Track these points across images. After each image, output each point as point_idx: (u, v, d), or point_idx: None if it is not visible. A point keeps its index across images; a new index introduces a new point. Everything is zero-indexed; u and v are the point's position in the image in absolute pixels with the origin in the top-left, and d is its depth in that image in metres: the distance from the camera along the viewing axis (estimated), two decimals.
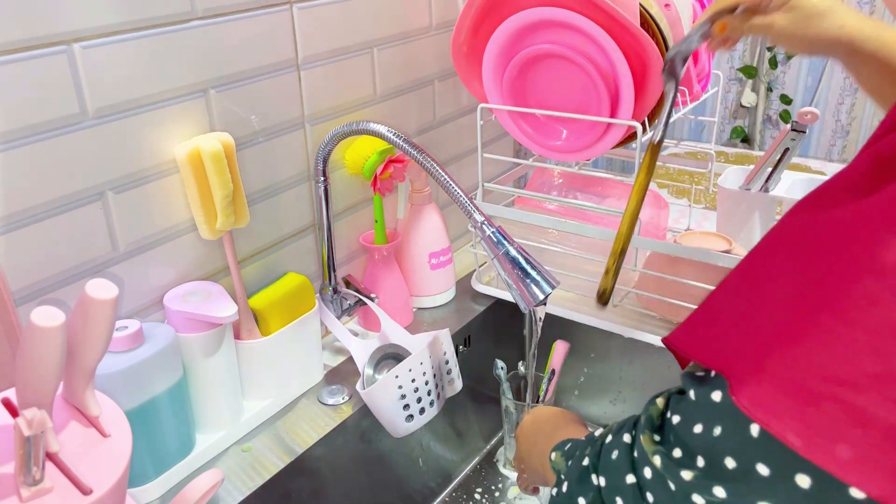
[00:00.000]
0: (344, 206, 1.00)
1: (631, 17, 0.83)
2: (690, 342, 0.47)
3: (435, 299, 1.09)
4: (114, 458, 0.50)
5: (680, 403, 0.46)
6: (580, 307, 1.06)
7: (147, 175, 0.75)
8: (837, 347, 0.36)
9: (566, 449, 0.60)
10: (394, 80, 1.02)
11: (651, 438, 0.47)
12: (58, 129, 0.67)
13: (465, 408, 1.09)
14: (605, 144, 0.93)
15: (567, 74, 0.90)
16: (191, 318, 0.75)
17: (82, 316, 0.47)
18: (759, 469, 0.38)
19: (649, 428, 0.48)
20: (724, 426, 0.40)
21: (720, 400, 0.41)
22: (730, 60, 2.28)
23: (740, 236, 1.04)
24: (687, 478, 0.42)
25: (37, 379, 0.45)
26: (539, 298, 0.74)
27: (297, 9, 0.85)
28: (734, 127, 2.33)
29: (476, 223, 0.76)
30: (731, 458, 0.40)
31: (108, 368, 0.67)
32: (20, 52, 0.63)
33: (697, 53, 1.03)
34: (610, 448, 0.51)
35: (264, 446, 0.83)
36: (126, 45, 0.70)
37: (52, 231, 0.68)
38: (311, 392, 0.91)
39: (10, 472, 0.46)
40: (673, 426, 0.45)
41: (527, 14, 0.88)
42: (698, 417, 0.43)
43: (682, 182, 1.55)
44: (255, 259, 0.89)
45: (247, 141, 0.84)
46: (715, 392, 0.41)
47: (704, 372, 0.44)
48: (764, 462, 0.38)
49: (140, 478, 0.73)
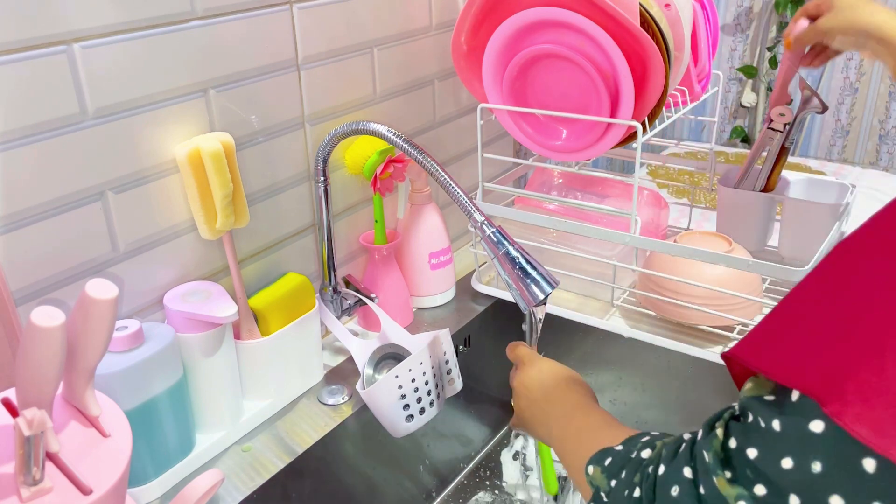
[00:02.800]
0: (344, 206, 1.00)
1: (631, 17, 0.83)
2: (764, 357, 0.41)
3: (435, 299, 1.09)
4: (114, 458, 0.50)
5: (752, 434, 0.41)
6: (580, 307, 1.07)
7: (147, 175, 0.75)
8: None
9: (606, 464, 0.56)
10: (394, 79, 1.02)
11: (728, 482, 0.41)
12: (58, 129, 0.67)
13: (465, 408, 1.09)
14: (605, 144, 0.93)
15: (567, 74, 0.90)
16: (191, 318, 0.75)
17: (82, 316, 0.47)
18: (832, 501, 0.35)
19: (721, 467, 0.42)
20: (827, 461, 0.36)
21: (821, 432, 0.36)
22: (730, 60, 2.28)
23: (740, 236, 1.04)
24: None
25: (37, 379, 0.45)
26: (539, 298, 0.74)
27: (297, 9, 0.85)
28: (734, 127, 2.33)
29: (476, 223, 0.76)
30: (838, 497, 0.36)
31: (108, 368, 0.67)
32: (20, 52, 0.63)
33: (697, 53, 1.03)
34: (666, 483, 0.46)
35: (264, 446, 0.83)
36: (126, 45, 0.70)
37: (52, 231, 0.68)
38: (311, 392, 0.91)
39: (10, 472, 0.46)
40: (749, 461, 0.40)
41: (527, 14, 0.88)
42: (787, 451, 0.38)
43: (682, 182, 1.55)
44: (255, 259, 0.89)
45: (247, 141, 0.84)
46: (814, 423, 0.37)
47: (775, 395, 0.40)
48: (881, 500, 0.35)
49: (140, 478, 0.73)
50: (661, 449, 0.50)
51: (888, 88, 2.11)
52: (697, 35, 1.02)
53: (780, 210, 1.05)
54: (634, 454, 0.54)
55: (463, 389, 0.93)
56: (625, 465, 0.53)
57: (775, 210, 1.06)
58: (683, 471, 0.45)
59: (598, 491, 0.55)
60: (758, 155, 1.01)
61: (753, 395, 0.41)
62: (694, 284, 0.94)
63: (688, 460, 0.46)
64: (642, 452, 0.53)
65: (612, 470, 0.54)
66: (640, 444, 0.55)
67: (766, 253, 1.08)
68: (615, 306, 1.06)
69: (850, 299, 0.38)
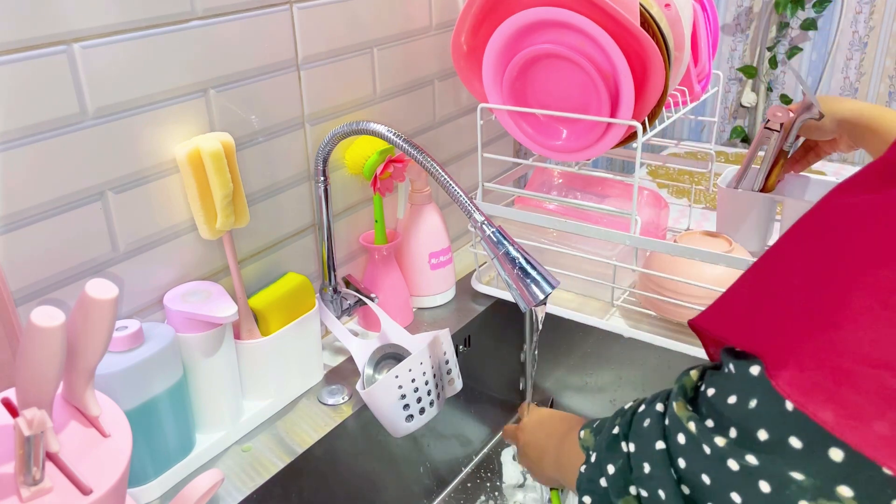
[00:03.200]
0: (344, 206, 1.00)
1: (631, 17, 0.83)
2: (721, 323, 0.48)
3: (435, 299, 1.09)
4: (114, 458, 0.50)
5: (715, 376, 0.46)
6: (580, 307, 1.07)
7: (147, 175, 0.75)
8: (876, 330, 0.37)
9: (595, 425, 0.61)
10: (394, 79, 1.02)
11: (685, 406, 0.47)
12: (58, 129, 0.67)
13: (465, 408, 1.09)
14: (605, 144, 0.93)
15: (567, 74, 0.90)
16: (191, 318, 0.75)
17: (82, 316, 0.47)
18: (792, 442, 0.39)
19: (683, 396, 0.48)
20: (759, 399, 0.41)
21: (757, 374, 0.41)
22: (730, 60, 2.28)
23: (740, 236, 1.04)
24: (721, 444, 0.43)
25: (37, 379, 0.45)
26: (539, 298, 0.74)
27: (297, 9, 0.85)
28: (734, 127, 2.33)
29: (476, 223, 0.76)
30: (764, 430, 0.40)
31: (108, 368, 0.67)
32: (20, 52, 0.63)
33: (697, 53, 1.03)
34: (642, 417, 0.52)
35: (264, 446, 0.83)
36: (126, 45, 0.70)
37: (52, 231, 0.68)
38: (311, 392, 0.91)
39: (10, 472, 0.46)
40: (707, 398, 0.45)
41: (527, 14, 0.88)
42: (733, 389, 0.43)
43: (682, 182, 1.55)
44: (255, 259, 0.89)
45: (247, 141, 0.84)
46: (753, 366, 0.42)
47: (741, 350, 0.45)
48: (797, 436, 0.39)
49: (140, 478, 0.73)
50: (643, 398, 0.56)
51: (888, 88, 2.11)
52: (697, 35, 1.02)
53: (780, 210, 1.05)
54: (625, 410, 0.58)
55: (463, 389, 0.93)
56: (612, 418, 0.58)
57: (775, 210, 1.06)
58: (656, 406, 0.51)
59: (588, 451, 0.59)
60: (755, 154, 1.01)
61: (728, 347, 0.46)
62: (694, 284, 0.94)
63: (662, 399, 0.52)
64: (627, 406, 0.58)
65: (600, 427, 0.59)
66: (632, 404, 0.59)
67: None
68: (615, 306, 1.06)
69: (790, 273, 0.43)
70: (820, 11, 2.07)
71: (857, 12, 2.05)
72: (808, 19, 2.09)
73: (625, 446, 0.52)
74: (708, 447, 0.43)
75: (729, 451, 0.42)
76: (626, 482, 0.51)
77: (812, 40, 2.14)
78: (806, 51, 2.15)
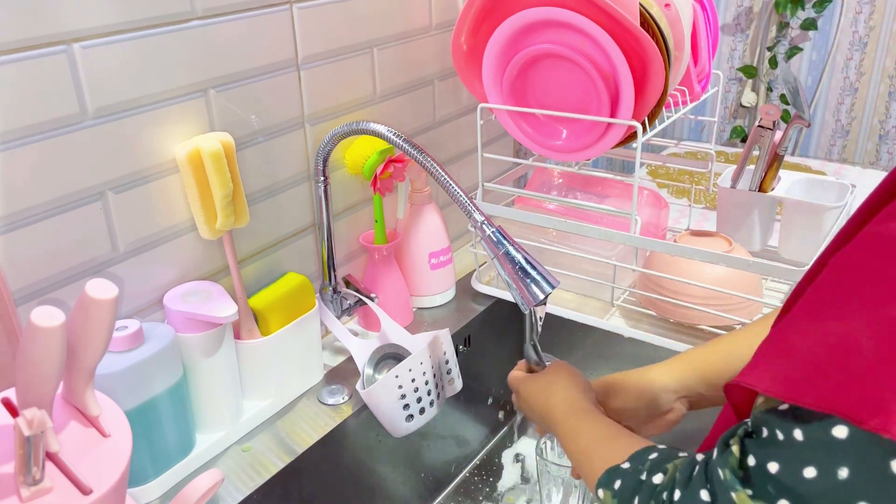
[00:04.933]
0: (344, 206, 1.00)
1: (631, 17, 0.83)
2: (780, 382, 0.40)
3: (435, 299, 1.09)
4: (114, 457, 0.50)
5: (771, 448, 0.40)
6: (580, 307, 1.07)
7: (147, 175, 0.75)
8: None
9: (616, 488, 0.55)
10: (394, 79, 1.02)
11: (748, 496, 0.41)
12: (58, 129, 0.67)
13: (465, 408, 1.09)
14: (605, 144, 0.93)
15: (567, 74, 0.90)
16: (191, 318, 0.75)
17: (82, 316, 0.47)
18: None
19: (739, 483, 0.42)
20: (854, 466, 0.37)
21: (846, 437, 0.37)
22: (730, 60, 2.28)
23: (740, 236, 1.04)
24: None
25: (37, 379, 0.45)
26: (539, 298, 0.74)
27: (297, 9, 0.85)
28: (734, 127, 2.33)
29: (476, 223, 0.76)
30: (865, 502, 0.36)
31: (108, 368, 0.67)
32: (20, 52, 0.63)
33: (697, 53, 1.03)
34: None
35: (264, 446, 0.83)
36: (126, 45, 0.70)
37: (52, 231, 0.68)
38: (311, 392, 0.91)
39: (10, 472, 0.46)
40: (770, 475, 0.40)
41: (527, 14, 0.88)
42: (810, 460, 0.38)
43: (682, 182, 1.55)
44: (255, 259, 0.89)
45: (247, 141, 0.84)
46: (837, 427, 0.37)
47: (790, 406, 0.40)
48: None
49: (140, 478, 0.73)
50: (674, 473, 0.50)
51: (888, 88, 2.11)
52: (697, 35, 1.02)
53: (780, 210, 1.05)
54: (644, 476, 0.53)
55: (463, 389, 0.93)
56: (636, 489, 0.53)
57: (775, 210, 1.06)
58: (700, 494, 0.44)
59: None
60: (749, 153, 1.01)
61: (766, 408, 0.41)
62: (694, 284, 0.94)
63: (703, 482, 0.45)
64: (654, 477, 0.52)
65: (624, 496, 0.54)
66: (648, 464, 0.54)
67: (766, 253, 1.08)
68: (615, 306, 1.06)
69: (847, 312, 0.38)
70: (820, 11, 2.07)
71: (857, 12, 2.05)
72: (808, 19, 2.09)
73: None
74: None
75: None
76: None
77: (812, 40, 2.14)
78: (806, 51, 2.15)
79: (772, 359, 0.42)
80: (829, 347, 0.39)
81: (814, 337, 0.40)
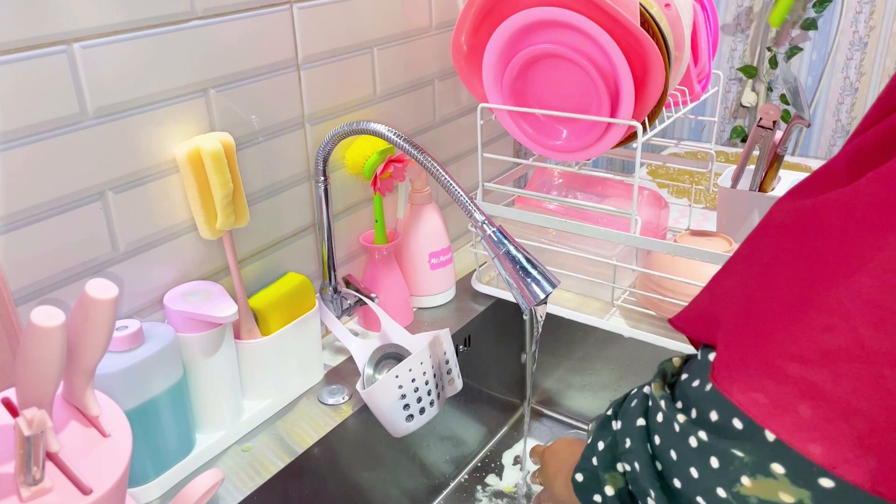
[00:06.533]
0: (344, 206, 1.00)
1: (631, 16, 0.83)
2: (691, 322, 0.54)
3: (435, 299, 1.09)
4: (114, 457, 0.50)
5: (690, 363, 0.51)
6: (580, 307, 1.07)
7: (147, 175, 0.75)
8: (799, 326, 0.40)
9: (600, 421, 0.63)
10: (394, 79, 1.02)
11: (661, 386, 0.52)
12: (58, 129, 0.67)
13: (465, 408, 1.09)
14: (605, 144, 0.93)
15: (567, 74, 0.90)
16: (191, 317, 0.75)
17: (82, 316, 0.47)
18: (735, 423, 0.43)
19: (661, 378, 0.53)
20: (712, 385, 0.45)
21: (711, 360, 0.46)
22: (730, 60, 2.28)
23: (740, 236, 1.03)
24: (682, 421, 0.47)
25: (37, 379, 0.45)
26: (540, 297, 0.74)
27: (297, 9, 0.85)
28: (734, 127, 2.33)
29: (476, 223, 0.76)
30: (714, 412, 0.44)
31: (108, 368, 0.67)
32: (20, 52, 0.63)
33: (697, 53, 1.03)
34: (631, 398, 0.56)
35: (264, 446, 0.83)
36: (126, 45, 0.70)
37: (52, 231, 0.68)
38: (311, 392, 0.91)
39: (10, 472, 0.46)
40: (680, 381, 0.50)
41: (527, 14, 0.88)
42: (697, 374, 0.48)
43: (682, 182, 1.55)
44: (255, 259, 0.89)
45: (247, 141, 0.84)
46: (711, 354, 0.47)
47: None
48: (739, 418, 0.42)
49: (140, 478, 0.73)
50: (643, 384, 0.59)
51: None
52: (697, 35, 1.02)
53: None
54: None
55: (463, 389, 0.93)
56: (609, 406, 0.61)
57: None
58: (644, 388, 0.55)
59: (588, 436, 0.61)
60: (749, 153, 1.01)
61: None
62: (694, 284, 0.94)
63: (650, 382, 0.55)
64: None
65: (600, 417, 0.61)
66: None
67: None
68: (615, 306, 1.06)
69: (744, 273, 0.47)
70: (820, 11, 2.07)
71: (858, 12, 2.05)
72: (808, 19, 2.09)
73: (614, 424, 0.56)
74: (676, 425, 0.47)
75: (689, 428, 0.46)
76: (613, 458, 0.54)
77: (812, 40, 2.14)
78: (806, 51, 2.15)
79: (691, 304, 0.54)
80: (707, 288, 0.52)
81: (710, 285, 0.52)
